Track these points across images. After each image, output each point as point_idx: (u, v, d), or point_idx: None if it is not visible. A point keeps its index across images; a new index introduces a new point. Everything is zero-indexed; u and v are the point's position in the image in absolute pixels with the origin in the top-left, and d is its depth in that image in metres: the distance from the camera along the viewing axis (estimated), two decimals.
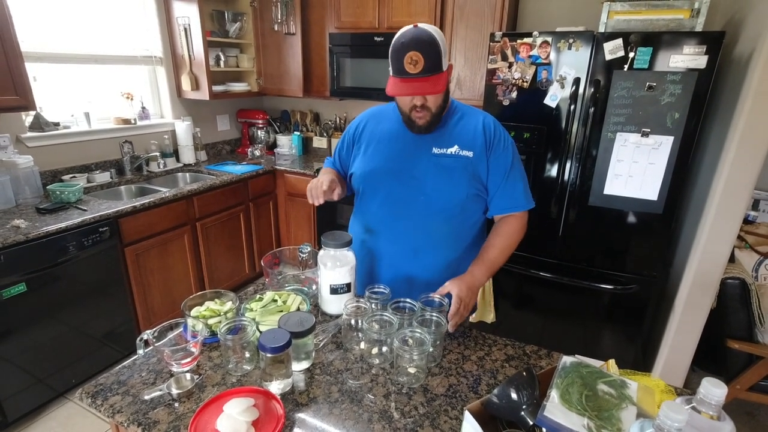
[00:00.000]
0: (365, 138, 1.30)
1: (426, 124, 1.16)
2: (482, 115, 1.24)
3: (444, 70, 1.08)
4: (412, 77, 1.05)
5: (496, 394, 0.77)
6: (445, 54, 1.08)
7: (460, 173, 1.19)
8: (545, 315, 2.36)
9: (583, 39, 1.88)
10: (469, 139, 1.20)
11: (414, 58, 1.03)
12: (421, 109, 1.13)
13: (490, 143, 1.20)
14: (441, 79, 1.07)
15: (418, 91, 1.07)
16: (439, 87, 1.07)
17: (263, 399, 0.89)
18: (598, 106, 1.91)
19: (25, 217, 2.00)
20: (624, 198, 1.98)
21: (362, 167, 1.28)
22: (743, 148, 1.65)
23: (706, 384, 0.60)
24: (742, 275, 1.85)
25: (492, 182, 1.22)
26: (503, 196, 1.23)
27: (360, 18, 2.82)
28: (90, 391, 0.94)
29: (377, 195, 1.27)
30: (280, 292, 1.21)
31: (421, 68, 1.03)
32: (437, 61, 1.05)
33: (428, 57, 1.03)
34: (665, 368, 2.03)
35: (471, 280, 1.15)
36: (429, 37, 1.04)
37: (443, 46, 1.06)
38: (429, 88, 1.06)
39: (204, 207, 2.69)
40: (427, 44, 1.03)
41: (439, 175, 1.19)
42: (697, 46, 1.69)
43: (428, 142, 1.20)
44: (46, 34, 2.39)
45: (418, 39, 1.03)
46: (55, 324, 2.00)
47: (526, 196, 1.25)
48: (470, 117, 1.23)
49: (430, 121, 1.16)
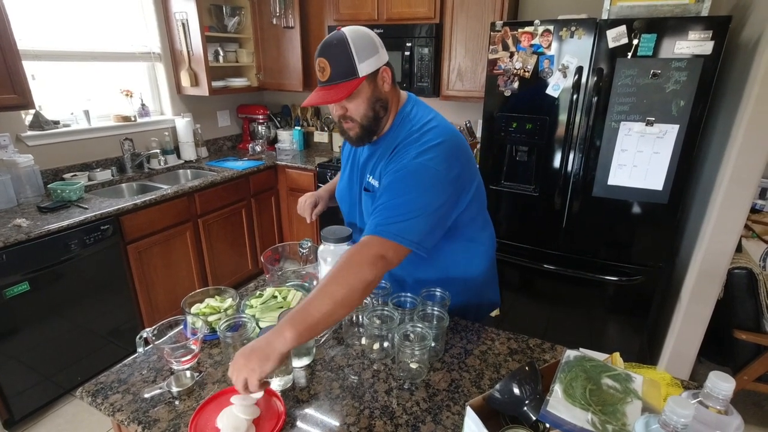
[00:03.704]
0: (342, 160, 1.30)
1: (356, 136, 1.06)
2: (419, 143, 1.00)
3: (360, 75, 0.97)
4: (321, 85, 0.99)
5: (499, 389, 0.76)
6: (365, 59, 0.96)
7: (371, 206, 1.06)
8: (550, 308, 2.34)
9: (586, 27, 1.84)
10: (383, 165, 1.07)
11: (321, 65, 0.97)
12: (346, 120, 1.04)
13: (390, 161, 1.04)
14: (351, 86, 0.96)
15: (321, 100, 0.98)
16: (342, 94, 0.96)
17: (264, 396, 0.88)
18: (601, 95, 1.88)
19: (26, 216, 2.00)
20: (628, 188, 1.95)
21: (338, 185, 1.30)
22: (750, 136, 1.62)
23: (713, 378, 0.58)
24: (749, 265, 1.82)
25: None
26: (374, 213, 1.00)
27: (359, 10, 2.79)
28: (90, 389, 0.94)
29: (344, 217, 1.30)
30: (280, 288, 1.20)
31: (328, 75, 0.97)
32: (347, 66, 0.95)
33: (335, 63, 0.96)
34: (671, 360, 2.01)
35: (261, 343, 0.82)
36: (339, 42, 0.95)
37: (361, 49, 0.95)
38: (331, 96, 0.97)
39: (206, 203, 2.69)
40: (334, 50, 0.95)
41: (365, 207, 1.16)
42: (703, 31, 1.66)
43: (368, 165, 1.13)
44: (44, 31, 2.38)
45: (327, 45, 0.96)
46: (59, 322, 2.01)
47: (391, 224, 0.94)
48: (408, 139, 1.02)
49: (360, 134, 1.05)
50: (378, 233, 0.93)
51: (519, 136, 2.10)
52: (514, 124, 2.10)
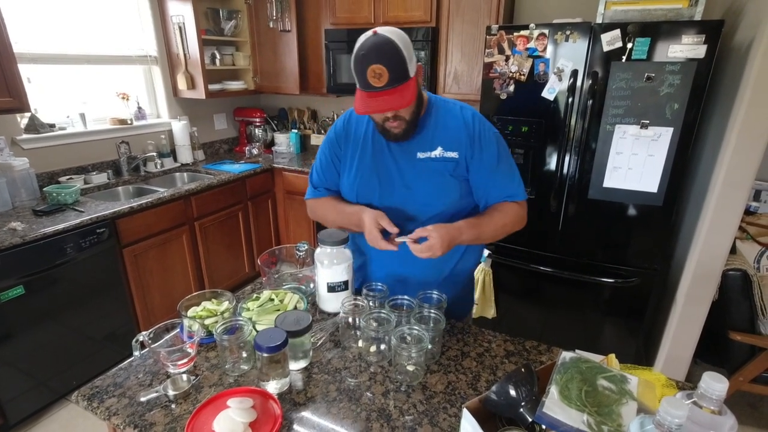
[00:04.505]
0: (349, 147, 1.23)
1: (402, 132, 1.10)
2: (460, 110, 1.16)
3: (411, 76, 1.01)
4: (378, 90, 0.99)
5: (495, 391, 0.76)
6: (411, 59, 1.01)
7: (449, 176, 1.14)
8: (546, 310, 2.35)
9: (581, 30, 1.86)
10: (452, 139, 1.14)
11: (377, 71, 0.96)
12: (394, 119, 1.07)
13: (474, 139, 1.14)
14: (409, 89, 1.00)
15: (387, 107, 1.01)
16: (408, 98, 1.00)
17: (260, 399, 0.88)
18: (596, 99, 1.90)
19: (21, 219, 1.99)
20: (624, 191, 1.96)
21: (350, 180, 1.23)
22: (743, 138, 1.64)
23: (707, 378, 0.59)
24: (743, 267, 1.83)
25: (480, 178, 1.16)
26: (495, 188, 1.17)
27: (355, 14, 2.80)
28: (86, 393, 0.93)
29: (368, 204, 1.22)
30: (277, 291, 1.20)
31: (386, 80, 0.97)
32: (402, 69, 0.98)
33: (392, 68, 0.96)
34: (667, 361, 2.02)
35: (454, 234, 1.07)
36: (390, 46, 0.96)
37: (407, 51, 0.99)
38: (397, 102, 1.00)
39: (202, 207, 2.68)
40: (389, 54, 0.96)
41: (428, 181, 1.15)
42: (696, 35, 1.67)
43: (411, 146, 1.15)
44: (40, 34, 2.38)
45: (379, 50, 0.96)
46: (54, 326, 2.00)
47: (519, 186, 1.19)
48: (449, 113, 1.16)
49: (406, 129, 1.10)
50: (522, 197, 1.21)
51: (515, 139, 2.11)
52: (509, 127, 2.11)
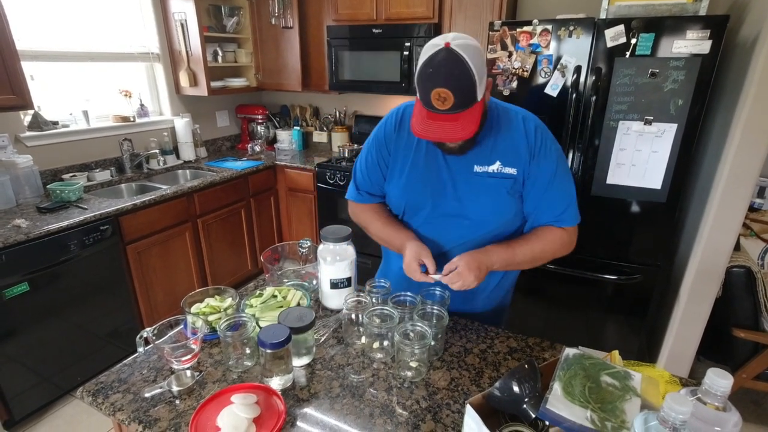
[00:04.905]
0: (400, 152, 1.14)
1: (460, 147, 1.02)
2: (523, 121, 1.06)
3: (480, 98, 0.92)
4: (440, 113, 0.92)
5: (498, 387, 0.76)
6: (482, 80, 0.91)
7: (505, 194, 1.07)
8: (549, 306, 2.35)
9: (584, 26, 1.85)
10: (512, 153, 1.05)
11: (442, 95, 0.89)
12: None
13: (533, 154, 1.05)
14: (474, 114, 0.92)
15: (446, 137, 0.93)
16: (470, 129, 0.92)
17: (264, 395, 0.89)
18: (599, 95, 1.89)
19: (25, 216, 2.00)
20: (627, 187, 1.95)
21: (399, 191, 1.15)
22: (748, 135, 1.63)
23: (711, 375, 0.59)
24: (747, 263, 1.82)
25: (532, 193, 1.07)
26: (545, 208, 1.08)
27: (357, 10, 2.79)
28: (90, 389, 0.94)
29: (417, 216, 1.16)
30: (280, 288, 1.20)
31: (450, 105, 0.89)
32: (471, 94, 0.90)
33: (459, 93, 0.89)
34: (670, 358, 2.02)
35: (482, 259, 1.02)
36: (462, 68, 0.87)
37: (478, 70, 0.89)
38: (458, 132, 0.92)
39: (205, 204, 2.69)
40: (458, 77, 0.88)
41: (483, 196, 1.08)
42: (701, 30, 1.66)
43: (468, 158, 1.07)
44: (43, 32, 2.38)
45: (449, 72, 0.88)
46: (58, 323, 2.01)
47: (568, 210, 1.08)
48: (510, 124, 1.07)
49: (465, 144, 1.01)
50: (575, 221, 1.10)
51: None
52: None
